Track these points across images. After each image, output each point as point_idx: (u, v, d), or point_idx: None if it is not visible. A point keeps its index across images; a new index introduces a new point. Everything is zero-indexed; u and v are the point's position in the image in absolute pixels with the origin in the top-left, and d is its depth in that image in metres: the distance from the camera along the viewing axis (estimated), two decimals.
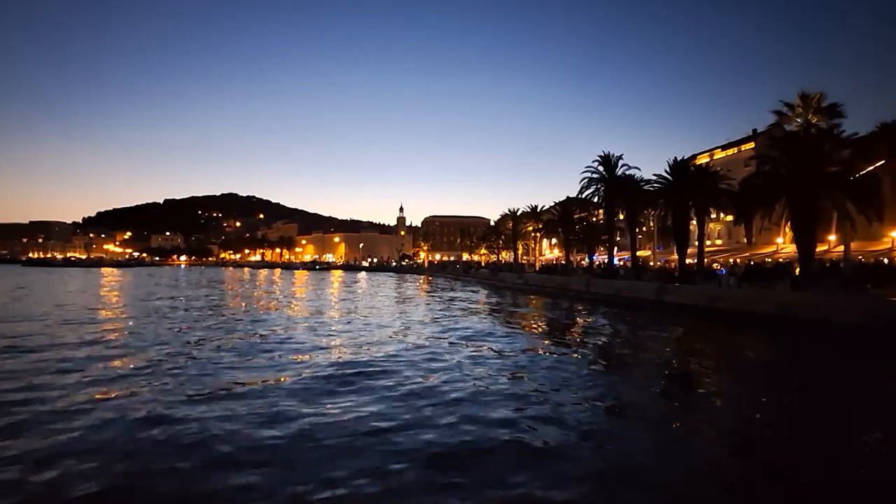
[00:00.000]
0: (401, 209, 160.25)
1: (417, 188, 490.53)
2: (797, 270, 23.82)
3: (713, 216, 39.11)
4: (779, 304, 19.48)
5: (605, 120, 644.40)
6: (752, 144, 41.98)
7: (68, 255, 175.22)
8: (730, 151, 45.45)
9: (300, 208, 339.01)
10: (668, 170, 32.22)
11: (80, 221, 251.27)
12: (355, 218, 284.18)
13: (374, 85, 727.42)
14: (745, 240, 36.80)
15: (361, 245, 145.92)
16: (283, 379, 10.51)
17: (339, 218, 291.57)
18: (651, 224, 46.94)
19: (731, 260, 35.97)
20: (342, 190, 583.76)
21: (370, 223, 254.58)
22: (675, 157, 32.37)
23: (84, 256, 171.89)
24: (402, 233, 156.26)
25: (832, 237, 29.83)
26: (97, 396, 8.97)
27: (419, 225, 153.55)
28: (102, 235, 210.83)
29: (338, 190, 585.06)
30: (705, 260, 32.47)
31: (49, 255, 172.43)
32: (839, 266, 23.77)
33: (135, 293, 37.05)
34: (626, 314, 24.62)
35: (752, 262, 30.50)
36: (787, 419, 9.00)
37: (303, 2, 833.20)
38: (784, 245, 33.92)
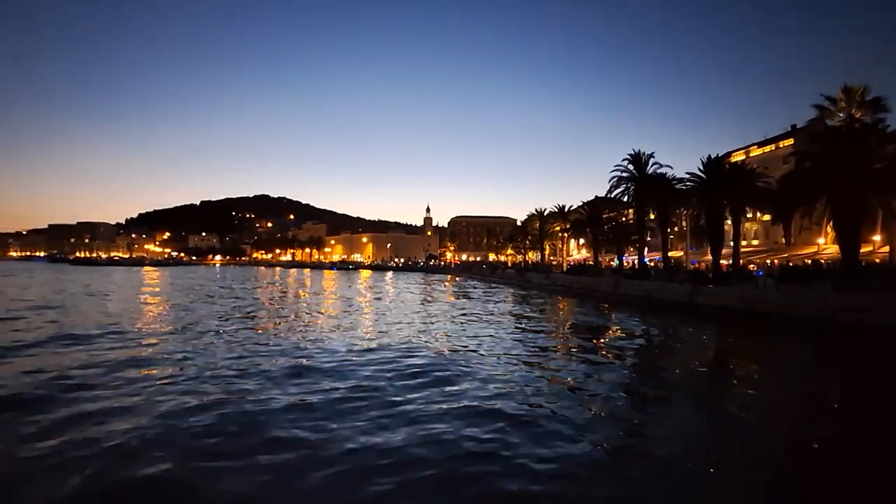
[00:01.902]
0: (427, 209, 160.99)
1: (444, 189, 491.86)
2: (840, 272, 22.83)
3: (749, 215, 37.76)
4: (821, 306, 18.75)
5: (634, 118, 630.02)
6: (790, 141, 40.32)
7: (112, 254, 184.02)
8: (767, 148, 43.73)
9: (329, 209, 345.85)
10: (701, 168, 31.42)
11: (124, 222, 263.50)
12: (383, 218, 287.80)
13: (401, 87, 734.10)
14: (784, 240, 35.44)
15: (389, 245, 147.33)
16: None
17: (367, 218, 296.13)
18: (683, 224, 45.69)
19: (768, 261, 34.73)
20: (370, 191, 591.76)
21: (397, 223, 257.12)
22: (709, 155, 31.59)
23: (127, 256, 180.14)
24: (429, 233, 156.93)
25: (877, 237, 28.45)
26: None
27: (446, 225, 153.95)
28: (144, 236, 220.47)
29: (366, 191, 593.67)
30: (741, 261, 31.47)
31: (94, 255, 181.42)
32: (884, 266, 22.68)
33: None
34: (657, 316, 24.16)
35: (790, 263, 29.41)
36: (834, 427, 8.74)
37: (330, 6, 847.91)
38: (826, 245, 32.52)
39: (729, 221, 31.66)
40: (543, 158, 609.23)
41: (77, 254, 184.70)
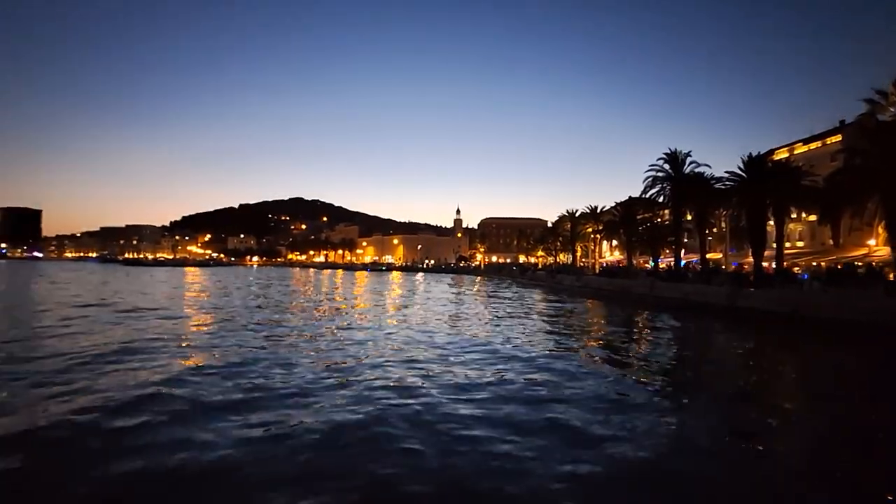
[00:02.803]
0: (457, 211, 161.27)
1: (474, 189, 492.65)
2: (892, 275, 21.65)
3: (794, 216, 36.13)
4: (872, 310, 17.87)
5: (671, 116, 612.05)
6: (838, 137, 38.28)
7: (157, 255, 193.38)
8: (813, 145, 41.66)
9: (361, 211, 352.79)
10: (741, 166, 30.37)
11: (168, 224, 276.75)
12: (414, 220, 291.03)
13: (432, 90, 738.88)
14: (832, 241, 33.67)
15: (419, 247, 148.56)
16: None
17: (398, 220, 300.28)
18: (722, 225, 44.20)
19: (814, 263, 33.13)
20: (401, 193, 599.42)
21: (428, 225, 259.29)
22: (750, 153, 30.47)
23: (171, 257, 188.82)
24: (459, 234, 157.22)
25: None
26: None
27: (476, 227, 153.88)
28: (186, 237, 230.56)
29: (397, 193, 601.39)
30: (784, 263, 30.19)
31: (142, 256, 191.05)
32: None
33: None
34: (696, 319, 23.54)
35: (838, 266, 28.00)
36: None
37: (361, 11, 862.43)
38: (877, 247, 30.73)
39: (772, 222, 30.42)
40: (575, 159, 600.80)
41: (126, 255, 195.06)
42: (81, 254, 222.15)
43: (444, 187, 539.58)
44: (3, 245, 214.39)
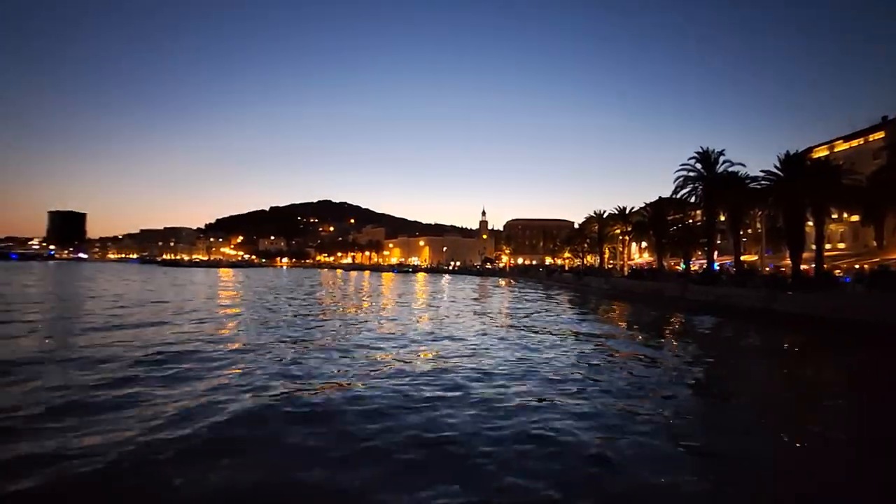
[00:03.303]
0: (483, 213, 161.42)
1: (500, 191, 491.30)
2: None
3: (834, 216, 34.79)
4: None
5: (702, 114, 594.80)
6: (881, 133, 36.60)
7: (193, 256, 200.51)
8: (854, 142, 39.97)
9: (387, 213, 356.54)
10: (778, 165, 29.54)
11: (203, 227, 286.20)
12: (439, 222, 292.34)
13: (457, 91, 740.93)
14: (875, 243, 32.33)
15: (445, 248, 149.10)
16: None
17: (424, 222, 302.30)
18: (758, 226, 42.91)
19: (856, 265, 31.87)
20: (427, 194, 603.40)
21: (453, 227, 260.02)
22: (787, 151, 29.61)
23: (206, 258, 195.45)
24: (485, 236, 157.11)
25: None
26: None
27: (501, 228, 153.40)
28: (220, 239, 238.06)
29: (423, 194, 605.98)
30: (825, 265, 29.17)
31: (178, 257, 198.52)
32: None
33: None
34: (730, 323, 23.07)
35: (879, 268, 26.89)
36: None
37: (387, 15, 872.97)
38: None
39: (811, 223, 29.48)
40: (603, 159, 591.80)
41: (164, 256, 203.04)
42: (123, 255, 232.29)
43: (469, 189, 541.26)
44: (52, 246, 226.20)
